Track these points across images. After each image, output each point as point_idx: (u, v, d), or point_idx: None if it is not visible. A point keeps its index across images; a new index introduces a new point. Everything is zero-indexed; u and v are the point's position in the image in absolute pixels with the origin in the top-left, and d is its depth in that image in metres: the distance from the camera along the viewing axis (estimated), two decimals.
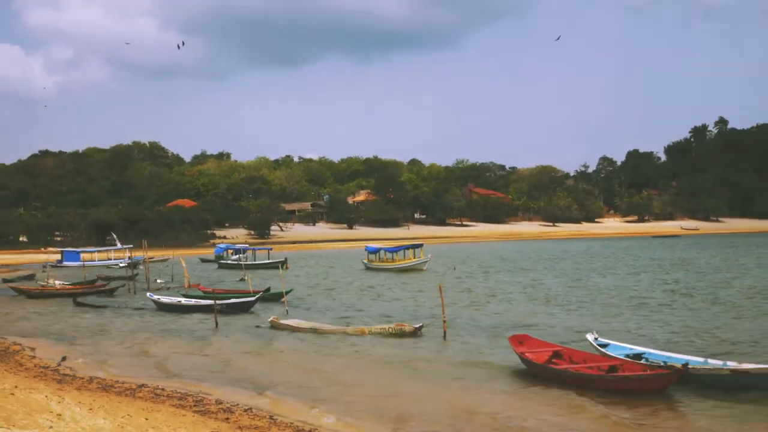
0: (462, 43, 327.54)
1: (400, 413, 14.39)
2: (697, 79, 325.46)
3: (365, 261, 63.90)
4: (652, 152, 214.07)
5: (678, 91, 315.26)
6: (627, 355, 17.34)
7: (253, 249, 78.30)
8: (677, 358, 16.82)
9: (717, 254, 71.29)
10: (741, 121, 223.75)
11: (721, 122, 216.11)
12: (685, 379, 15.33)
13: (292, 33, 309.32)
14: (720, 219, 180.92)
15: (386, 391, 16.34)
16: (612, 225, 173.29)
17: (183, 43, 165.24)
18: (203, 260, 78.28)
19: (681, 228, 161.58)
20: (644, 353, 17.54)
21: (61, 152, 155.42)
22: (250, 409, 14.52)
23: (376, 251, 64.06)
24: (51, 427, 11.55)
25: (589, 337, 19.10)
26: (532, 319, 27.00)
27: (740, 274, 46.05)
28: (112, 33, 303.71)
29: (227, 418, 13.44)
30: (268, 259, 72.32)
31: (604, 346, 18.40)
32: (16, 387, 15.20)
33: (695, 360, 16.54)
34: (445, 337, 22.81)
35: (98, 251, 79.65)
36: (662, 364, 16.06)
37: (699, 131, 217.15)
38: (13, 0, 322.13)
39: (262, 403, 15.18)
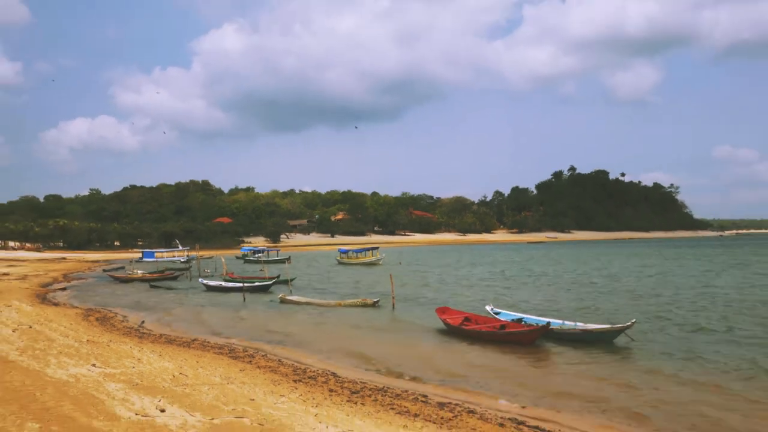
0: (403, 117, 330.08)
1: (363, 355, 14.42)
2: (556, 140, 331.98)
3: (338, 258, 63.47)
4: (527, 188, 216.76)
5: (544, 148, 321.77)
6: (513, 319, 17.55)
7: (268, 250, 77.74)
8: (546, 320, 17.06)
9: (575, 254, 72.55)
10: (584, 167, 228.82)
11: (572, 168, 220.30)
12: (552, 335, 15.61)
13: (294, 110, 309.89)
14: (571, 231, 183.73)
15: (354, 342, 16.32)
16: (501, 236, 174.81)
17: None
18: (237, 258, 77.47)
19: (546, 237, 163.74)
20: (524, 318, 17.77)
21: (142, 186, 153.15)
22: (266, 354, 14.45)
23: (346, 252, 63.84)
24: (134, 367, 11.41)
25: (488, 307, 19.34)
26: (452, 296, 27.12)
27: (582, 265, 46.93)
28: (175, 109, 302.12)
29: (250, 361, 13.34)
30: (277, 257, 71.78)
31: (498, 313, 18.63)
32: (110, 341, 15.01)
33: (556, 322, 16.82)
34: (393, 308, 22.84)
35: (166, 251, 78.55)
36: (535, 324, 16.26)
37: (557, 174, 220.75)
38: (109, 87, 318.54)
39: (274, 351, 15.09)
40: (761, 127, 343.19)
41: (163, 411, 8.20)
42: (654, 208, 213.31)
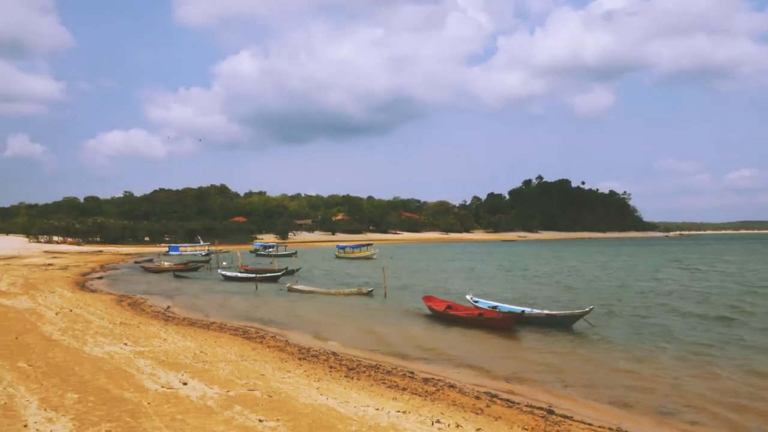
0: (394, 132, 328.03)
1: (358, 337, 14.38)
2: (526, 153, 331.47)
3: (336, 253, 62.94)
4: (501, 193, 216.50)
5: (516, 159, 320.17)
6: (490, 307, 17.56)
7: (277, 245, 77.32)
8: (517, 308, 17.09)
9: (540, 253, 72.56)
10: (550, 176, 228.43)
11: (539, 177, 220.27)
12: (524, 320, 15.63)
13: (300, 125, 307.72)
14: (538, 231, 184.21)
15: (351, 326, 16.26)
16: (478, 235, 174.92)
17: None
18: (250, 252, 76.92)
19: (517, 236, 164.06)
20: (498, 306, 17.78)
21: (169, 189, 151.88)
22: (275, 336, 14.39)
23: (343, 247, 63.36)
24: (160, 346, 11.36)
25: (468, 296, 19.29)
26: (437, 286, 27.08)
27: (549, 260, 46.98)
28: (198, 123, 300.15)
29: (261, 341, 13.29)
30: (285, 251, 71.40)
31: (476, 301, 18.61)
32: (140, 323, 14.92)
33: (528, 309, 16.84)
34: (385, 296, 22.81)
35: (189, 246, 77.85)
36: (509, 312, 16.29)
37: (527, 182, 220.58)
38: (141, 104, 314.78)
39: (281, 333, 15.02)
40: (699, 142, 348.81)
41: (185, 384, 8.18)
42: (609, 212, 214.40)
